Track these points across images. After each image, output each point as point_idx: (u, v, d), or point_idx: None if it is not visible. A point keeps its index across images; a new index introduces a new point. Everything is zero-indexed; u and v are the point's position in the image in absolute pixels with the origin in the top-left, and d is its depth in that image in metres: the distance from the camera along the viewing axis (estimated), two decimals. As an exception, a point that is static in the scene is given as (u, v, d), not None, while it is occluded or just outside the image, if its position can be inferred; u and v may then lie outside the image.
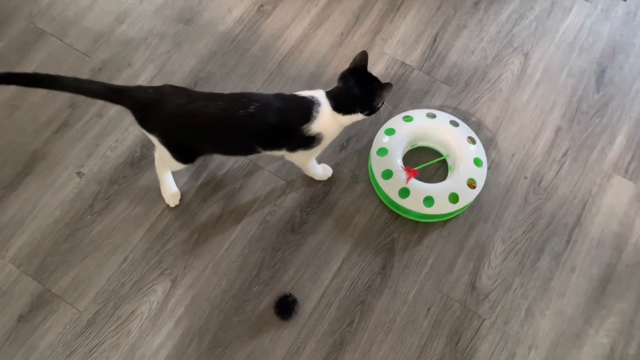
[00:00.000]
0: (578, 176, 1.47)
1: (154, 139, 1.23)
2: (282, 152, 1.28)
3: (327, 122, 1.21)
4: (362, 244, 1.38)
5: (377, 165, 1.38)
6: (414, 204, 1.34)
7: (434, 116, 1.44)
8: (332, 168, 1.46)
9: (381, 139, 1.41)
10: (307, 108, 1.19)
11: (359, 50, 1.23)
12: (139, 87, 1.22)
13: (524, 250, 1.38)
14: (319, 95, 1.21)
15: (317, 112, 1.19)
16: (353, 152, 1.48)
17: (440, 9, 1.69)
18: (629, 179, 1.47)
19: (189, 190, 1.43)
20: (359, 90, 1.20)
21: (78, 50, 1.61)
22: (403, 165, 1.38)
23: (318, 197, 1.43)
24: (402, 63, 1.61)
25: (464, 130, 1.43)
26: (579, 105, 1.56)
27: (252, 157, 1.46)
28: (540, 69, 1.61)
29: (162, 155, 1.28)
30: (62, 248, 1.36)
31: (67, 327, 1.28)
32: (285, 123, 1.20)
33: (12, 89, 1.55)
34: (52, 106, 1.53)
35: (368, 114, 1.22)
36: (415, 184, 1.35)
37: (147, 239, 1.38)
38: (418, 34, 1.65)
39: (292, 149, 1.26)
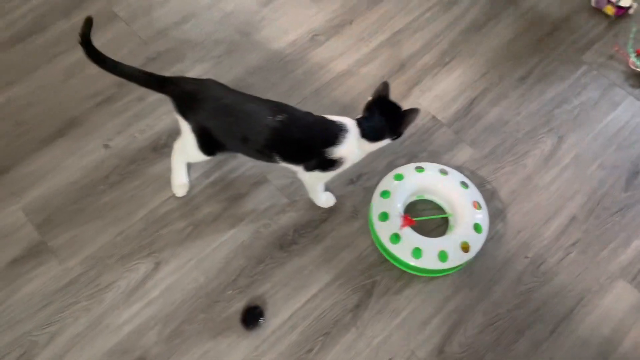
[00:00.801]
0: (581, 270, 1.41)
1: (185, 127, 1.30)
2: (298, 168, 1.32)
3: (351, 149, 1.27)
4: (343, 278, 1.38)
5: (377, 205, 1.39)
6: (402, 252, 1.33)
7: (446, 173, 1.44)
8: (337, 199, 1.48)
9: (388, 182, 1.43)
10: (335, 132, 1.26)
11: (394, 94, 1.29)
12: (183, 78, 1.31)
13: (504, 328, 1.34)
14: (348, 122, 1.27)
15: (344, 137, 1.25)
16: (361, 189, 1.50)
17: (485, 75, 1.71)
18: (635, 287, 1.39)
19: (197, 186, 1.50)
20: (387, 118, 1.27)
21: (140, 37, 1.75)
22: (402, 212, 1.38)
23: (314, 223, 1.46)
24: (433, 117, 1.63)
25: (473, 193, 1.42)
26: (602, 199, 1.51)
27: (267, 167, 1.51)
28: (571, 155, 1.58)
29: (186, 144, 1.34)
30: (69, 208, 1.46)
31: (50, 280, 1.36)
32: (310, 141, 1.27)
33: (74, 58, 1.70)
34: (103, 81, 1.66)
35: (395, 139, 1.30)
36: (408, 233, 1.35)
37: (145, 220, 1.45)
38: (457, 93, 1.67)
39: (309, 168, 1.31)
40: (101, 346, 1.29)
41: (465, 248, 1.34)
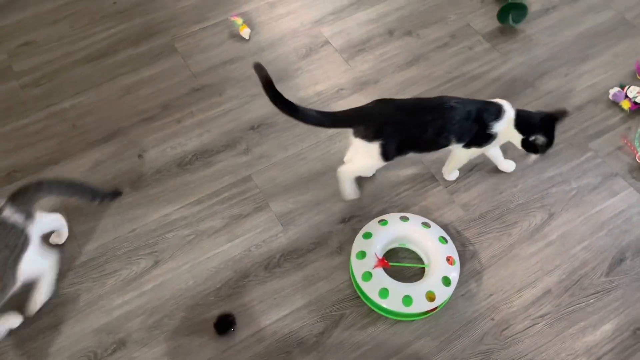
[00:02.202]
0: (545, 342, 1.45)
1: (368, 147, 1.47)
2: (458, 146, 1.55)
3: (505, 126, 1.51)
4: (315, 305, 1.50)
5: (357, 244, 1.52)
6: (370, 291, 1.44)
7: (428, 226, 1.55)
8: (326, 235, 1.62)
9: (372, 225, 1.55)
10: (498, 109, 1.51)
11: None
12: (362, 107, 1.52)
13: (456, 382, 1.39)
14: (506, 104, 1.53)
15: (504, 114, 1.51)
16: (349, 229, 1.63)
17: (491, 146, 1.82)
18: (597, 369, 1.41)
19: (207, 201, 1.68)
20: (541, 122, 1.53)
21: (191, 71, 2.02)
22: (378, 254, 1.49)
23: (301, 251, 1.59)
24: (432, 176, 1.75)
25: (450, 249, 1.51)
26: (580, 279, 1.55)
27: (271, 195, 1.68)
28: (558, 232, 1.63)
29: (365, 161, 1.54)
30: (94, 204, 1.68)
31: (67, 259, 1.57)
32: (481, 118, 1.49)
33: (132, 80, 1.98)
34: (151, 102, 1.92)
35: (545, 148, 1.54)
36: (379, 273, 1.45)
37: (157, 223, 1.64)
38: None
39: (469, 144, 1.54)
40: (92, 323, 1.47)
41: (430, 298, 1.42)
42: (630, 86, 1.90)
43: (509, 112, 1.52)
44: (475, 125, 1.50)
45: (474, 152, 1.59)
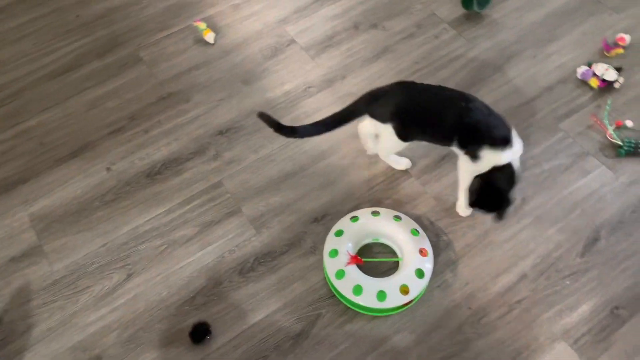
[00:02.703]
0: (522, 327, 1.44)
1: (385, 129, 1.52)
2: (463, 151, 1.49)
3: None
4: (291, 307, 1.49)
5: (329, 243, 1.50)
6: (344, 288, 1.43)
7: (399, 219, 1.54)
8: (300, 236, 1.61)
9: (344, 223, 1.54)
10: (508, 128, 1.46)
11: None
12: (375, 90, 1.55)
13: (435, 374, 1.38)
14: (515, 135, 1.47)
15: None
16: (323, 228, 1.62)
17: (461, 134, 1.80)
18: (575, 351, 1.40)
19: (178, 210, 1.67)
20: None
21: (157, 79, 2.00)
22: (350, 251, 1.48)
23: (274, 254, 1.58)
24: (405, 170, 1.73)
25: (422, 241, 1.50)
26: (555, 262, 1.54)
27: (243, 199, 1.67)
28: (532, 216, 1.63)
29: (387, 141, 1.57)
30: (67, 219, 1.67)
31: (38, 279, 1.56)
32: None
33: (98, 93, 1.96)
34: (118, 114, 1.91)
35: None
36: (352, 270, 1.44)
37: (128, 235, 1.63)
38: (428, 150, 1.77)
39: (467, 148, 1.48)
40: (66, 341, 1.45)
41: (404, 291, 1.41)
42: (598, 64, 1.89)
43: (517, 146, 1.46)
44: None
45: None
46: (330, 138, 1.81)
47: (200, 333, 1.44)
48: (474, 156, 1.46)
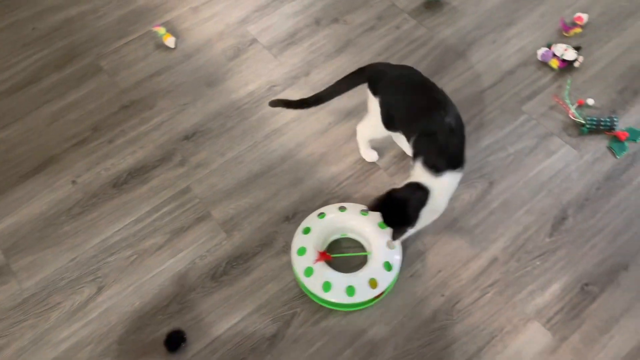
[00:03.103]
0: (496, 310, 1.46)
1: (374, 103, 1.50)
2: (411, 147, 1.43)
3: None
4: (266, 308, 1.48)
5: (297, 241, 1.50)
6: (313, 286, 1.42)
7: (366, 213, 1.54)
8: (271, 236, 1.61)
9: (311, 220, 1.54)
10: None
11: (339, 139, 1.58)
12: (377, 64, 1.59)
13: (412, 363, 1.39)
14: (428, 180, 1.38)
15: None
16: (294, 226, 1.60)
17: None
18: (548, 330, 1.42)
19: (147, 219, 1.65)
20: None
21: (118, 88, 1.97)
22: (319, 248, 1.48)
23: (247, 256, 1.58)
24: (373, 162, 1.73)
25: (389, 233, 1.50)
26: (524, 243, 1.56)
27: (212, 203, 1.66)
28: (500, 200, 1.64)
29: (371, 121, 1.55)
30: (34, 235, 1.64)
31: (7, 299, 1.53)
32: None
33: (59, 105, 1.93)
34: (81, 126, 1.88)
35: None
36: (321, 267, 1.44)
37: (97, 248, 1.61)
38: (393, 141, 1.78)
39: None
40: (40, 360, 1.43)
41: (373, 284, 1.41)
42: (557, 44, 1.91)
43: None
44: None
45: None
46: (297, 135, 1.81)
47: (175, 341, 1.42)
48: (415, 154, 1.41)
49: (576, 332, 1.42)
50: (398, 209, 1.34)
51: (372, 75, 1.52)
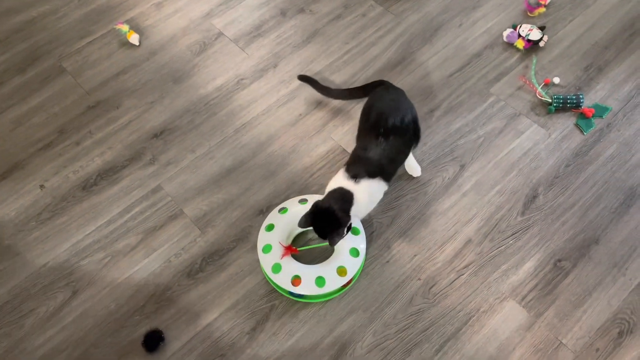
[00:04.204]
0: (472, 290, 1.47)
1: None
2: None
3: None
4: (244, 302, 1.48)
5: (261, 239, 1.49)
6: (282, 281, 1.42)
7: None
8: (246, 230, 1.60)
9: (273, 216, 1.53)
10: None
11: (309, 129, 1.61)
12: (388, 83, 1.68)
13: (392, 348, 1.40)
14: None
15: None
16: (268, 219, 1.61)
17: (396, 109, 1.81)
18: (523, 307, 1.44)
19: (119, 220, 1.63)
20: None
21: (83, 89, 1.93)
22: (283, 243, 1.47)
23: (222, 252, 1.56)
24: (344, 150, 1.73)
25: (353, 220, 1.50)
26: (498, 223, 1.58)
27: (184, 201, 1.64)
28: (471, 182, 1.65)
29: None
30: (4, 244, 1.61)
31: (-22, 309, 1.50)
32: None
33: (23, 110, 1.89)
34: (46, 129, 1.84)
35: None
36: (289, 262, 1.44)
37: (69, 252, 1.58)
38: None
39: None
40: (15, 369, 1.41)
41: (342, 273, 1.42)
42: (522, 25, 1.93)
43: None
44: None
45: None
46: (268, 128, 1.80)
47: (153, 341, 1.41)
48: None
49: (551, 308, 1.44)
50: (328, 215, 1.36)
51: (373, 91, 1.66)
